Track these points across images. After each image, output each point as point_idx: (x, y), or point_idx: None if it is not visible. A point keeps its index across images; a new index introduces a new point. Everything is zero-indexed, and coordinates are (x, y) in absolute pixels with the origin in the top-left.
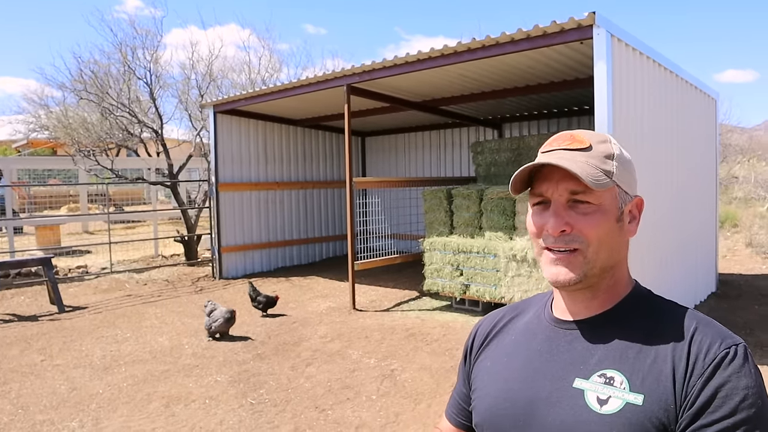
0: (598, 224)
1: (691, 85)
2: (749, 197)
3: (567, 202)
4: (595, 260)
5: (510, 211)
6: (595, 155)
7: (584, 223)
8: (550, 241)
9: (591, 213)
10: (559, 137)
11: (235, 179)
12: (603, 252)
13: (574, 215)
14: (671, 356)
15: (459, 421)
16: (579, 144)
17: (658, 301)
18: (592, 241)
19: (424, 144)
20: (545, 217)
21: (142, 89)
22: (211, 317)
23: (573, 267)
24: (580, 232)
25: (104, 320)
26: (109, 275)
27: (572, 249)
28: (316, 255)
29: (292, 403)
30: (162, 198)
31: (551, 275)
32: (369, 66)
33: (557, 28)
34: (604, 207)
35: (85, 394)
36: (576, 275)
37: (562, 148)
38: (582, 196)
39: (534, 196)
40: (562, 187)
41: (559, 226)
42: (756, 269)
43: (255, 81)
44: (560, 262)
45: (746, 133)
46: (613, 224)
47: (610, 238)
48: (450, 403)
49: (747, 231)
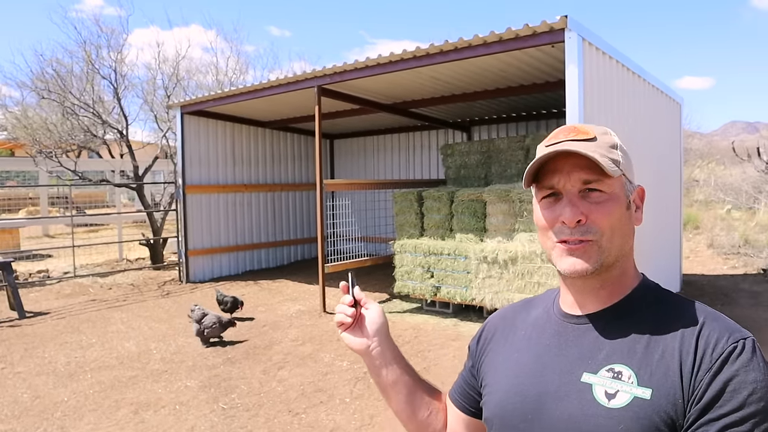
0: (611, 212)
1: (657, 90)
2: (710, 200)
3: (579, 192)
4: (609, 248)
5: (481, 213)
6: (602, 145)
7: (598, 212)
8: (566, 233)
9: (604, 201)
10: (563, 130)
11: (203, 181)
12: (616, 240)
13: (588, 205)
14: (679, 351)
15: (464, 406)
16: (584, 135)
17: (666, 295)
18: (606, 230)
19: (394, 146)
20: (557, 209)
21: (107, 89)
22: (203, 323)
23: (588, 257)
24: (594, 222)
25: (68, 326)
26: (72, 279)
27: (586, 240)
28: (284, 258)
29: (264, 408)
30: (125, 201)
31: (568, 265)
32: (341, 67)
33: (529, 31)
34: (616, 195)
35: (49, 402)
36: (592, 265)
37: (569, 140)
38: (594, 185)
39: (543, 189)
40: (575, 177)
41: (575, 216)
42: (717, 270)
43: (222, 82)
44: (576, 252)
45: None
46: (624, 212)
47: (622, 225)
48: (456, 388)
49: (708, 233)
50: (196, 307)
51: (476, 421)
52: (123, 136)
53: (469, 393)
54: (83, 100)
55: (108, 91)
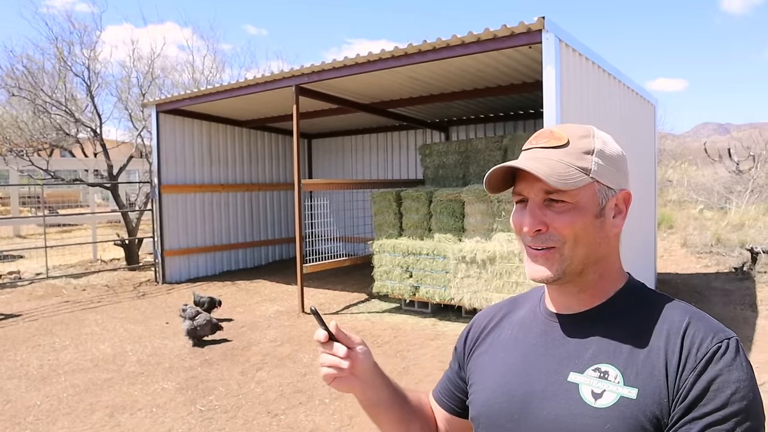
0: (573, 222)
1: (632, 91)
2: (683, 200)
3: (543, 201)
4: (572, 257)
5: (459, 213)
6: (572, 152)
7: (559, 222)
8: (528, 240)
9: (566, 211)
10: (540, 134)
11: (179, 181)
12: (580, 249)
13: (550, 214)
14: (664, 350)
15: (448, 404)
16: (556, 141)
17: (652, 295)
18: (568, 238)
19: (372, 146)
20: (523, 215)
21: (79, 87)
22: (195, 321)
23: (550, 264)
24: (556, 231)
25: (40, 328)
26: (45, 281)
27: (548, 247)
28: (262, 258)
29: (243, 409)
30: (99, 201)
31: (530, 272)
32: (318, 66)
33: (507, 32)
34: (581, 204)
35: (21, 407)
36: (553, 273)
37: (539, 146)
38: (556, 195)
39: (515, 195)
40: (536, 187)
41: (534, 225)
42: (691, 268)
43: (198, 81)
44: (538, 259)
45: (677, 139)
46: (591, 220)
47: (587, 234)
48: (440, 389)
49: (682, 232)
50: (188, 306)
51: (459, 420)
52: (97, 134)
53: (455, 393)
54: (55, 98)
55: (81, 88)
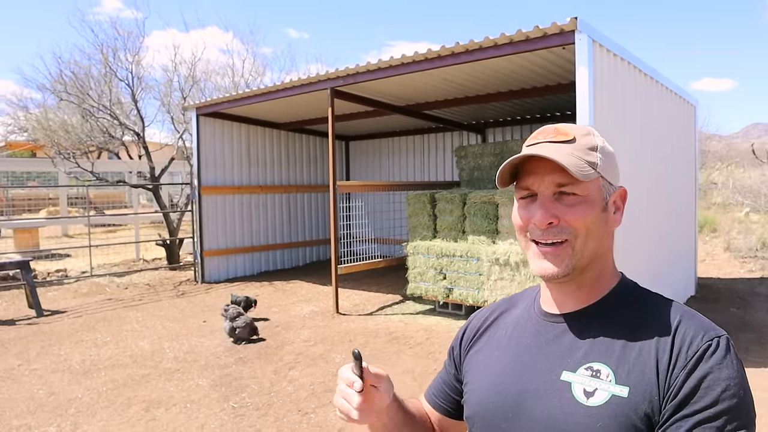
0: (585, 215)
1: (670, 92)
2: (728, 203)
3: (553, 195)
4: (583, 251)
5: (493, 215)
6: (579, 147)
7: (571, 215)
8: (537, 234)
9: (577, 204)
10: (543, 130)
11: (218, 182)
12: (591, 242)
13: (561, 207)
14: (655, 349)
15: (442, 406)
16: (563, 136)
17: (644, 294)
18: (580, 231)
19: (408, 148)
20: (532, 210)
21: (124, 91)
22: (235, 323)
23: (561, 260)
24: (568, 223)
25: (84, 324)
26: (89, 279)
27: (561, 240)
28: (299, 259)
29: (274, 407)
30: (144, 201)
31: (539, 269)
32: (353, 69)
33: (540, 33)
34: (590, 198)
35: (63, 399)
36: (564, 268)
37: (547, 141)
38: (568, 188)
39: (520, 190)
40: (548, 179)
41: (546, 218)
42: (734, 273)
43: (238, 84)
44: (548, 255)
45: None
46: (599, 214)
47: (597, 228)
48: (433, 390)
49: (725, 236)
50: (230, 307)
51: (452, 421)
52: (140, 137)
53: (449, 394)
54: (101, 102)
55: (125, 93)
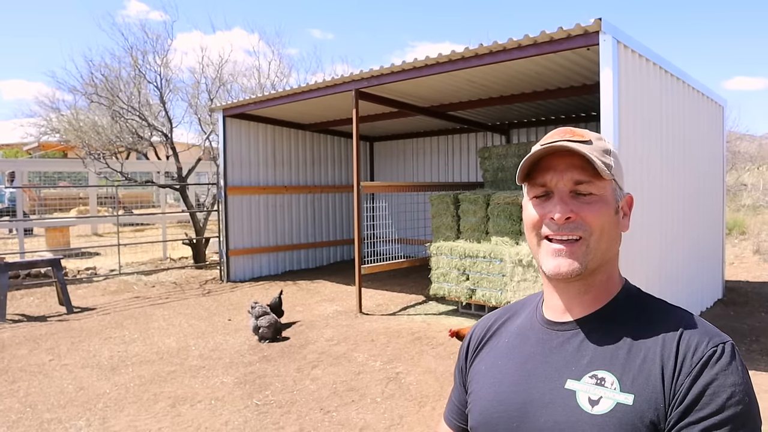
0: (601, 213)
1: (698, 92)
2: (758, 205)
3: (570, 192)
4: (596, 249)
5: (516, 216)
6: (596, 148)
7: (588, 211)
8: (553, 228)
9: (594, 202)
10: (559, 131)
11: (244, 183)
12: (604, 242)
13: (578, 204)
14: (660, 356)
15: (457, 425)
16: (580, 137)
17: (648, 300)
18: (595, 229)
19: (432, 149)
20: (548, 207)
21: (152, 93)
22: (259, 321)
23: (575, 258)
24: (584, 220)
25: (112, 321)
26: (118, 277)
27: (576, 238)
28: (323, 259)
29: (297, 405)
30: (171, 201)
31: (553, 267)
32: (377, 71)
33: (564, 34)
34: (606, 198)
35: (92, 394)
36: (577, 267)
37: (565, 140)
38: (586, 186)
39: (535, 188)
40: (567, 176)
41: (565, 212)
42: (763, 276)
43: (264, 85)
44: (562, 253)
45: (756, 141)
46: (613, 215)
47: (610, 228)
48: (448, 408)
49: (755, 238)
50: (257, 305)
51: None
52: (168, 138)
53: (462, 410)
54: (131, 104)
55: (154, 94)
